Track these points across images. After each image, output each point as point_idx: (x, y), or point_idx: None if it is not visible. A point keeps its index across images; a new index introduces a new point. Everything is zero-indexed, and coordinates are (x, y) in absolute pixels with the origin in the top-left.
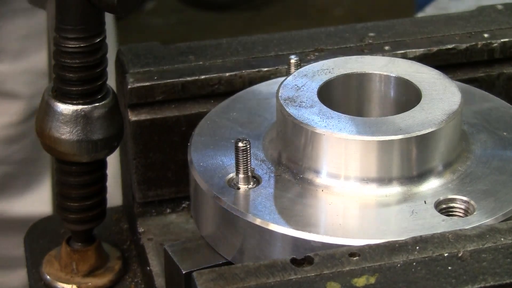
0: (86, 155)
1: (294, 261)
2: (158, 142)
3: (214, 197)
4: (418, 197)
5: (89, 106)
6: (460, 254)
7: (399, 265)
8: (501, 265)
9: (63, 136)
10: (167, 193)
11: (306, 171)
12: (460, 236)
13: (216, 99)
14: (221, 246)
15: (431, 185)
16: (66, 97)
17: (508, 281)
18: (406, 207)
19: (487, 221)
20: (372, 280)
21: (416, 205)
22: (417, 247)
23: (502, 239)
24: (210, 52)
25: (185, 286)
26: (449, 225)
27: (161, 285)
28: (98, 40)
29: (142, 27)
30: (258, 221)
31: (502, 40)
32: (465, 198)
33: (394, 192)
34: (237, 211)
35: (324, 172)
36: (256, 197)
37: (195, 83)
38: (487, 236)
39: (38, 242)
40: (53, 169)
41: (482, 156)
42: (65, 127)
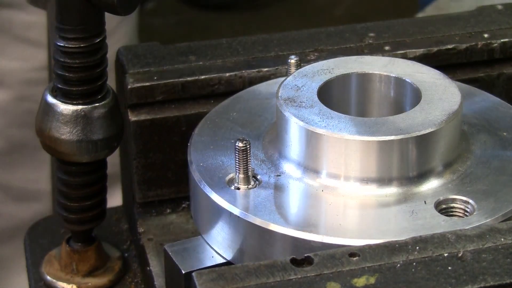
0: (86, 155)
1: (294, 261)
2: (158, 142)
3: (214, 197)
4: (418, 197)
5: (89, 106)
6: (460, 254)
7: (399, 265)
8: (501, 265)
9: (63, 136)
10: (167, 193)
11: (306, 171)
12: (460, 236)
13: (216, 99)
14: (221, 246)
15: (431, 185)
16: (66, 97)
17: (508, 281)
18: (406, 207)
19: (487, 221)
20: (372, 280)
21: (416, 205)
22: (417, 247)
23: (502, 239)
24: (210, 52)
25: (185, 286)
26: (449, 225)
27: (161, 285)
28: (98, 40)
29: (142, 27)
30: (258, 221)
31: (502, 40)
32: (465, 198)
33: (394, 192)
34: (237, 211)
35: (324, 172)
36: (256, 197)
37: (195, 83)
38: (487, 236)
39: (38, 242)
40: (53, 169)
41: (482, 156)
42: (65, 127)
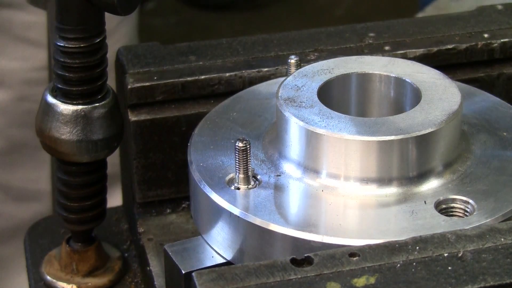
0: (86, 155)
1: (294, 261)
2: (158, 142)
3: (214, 197)
4: (418, 197)
5: (89, 106)
6: (460, 254)
7: (399, 265)
8: (501, 265)
9: (63, 136)
10: (167, 193)
11: (306, 171)
12: (460, 236)
13: (216, 99)
14: (221, 246)
15: (431, 185)
16: (66, 97)
17: (508, 281)
18: (406, 207)
19: (487, 221)
20: (372, 280)
21: (416, 205)
22: (417, 247)
23: (502, 239)
24: (210, 52)
25: (185, 286)
26: (449, 225)
27: (161, 285)
28: (98, 40)
29: (142, 27)
30: (258, 221)
31: (502, 40)
32: (465, 198)
33: (394, 192)
34: (237, 211)
35: (324, 172)
36: (256, 197)
37: (195, 83)
38: (487, 236)
39: (38, 242)
40: (53, 169)
41: (482, 156)
42: (65, 127)
